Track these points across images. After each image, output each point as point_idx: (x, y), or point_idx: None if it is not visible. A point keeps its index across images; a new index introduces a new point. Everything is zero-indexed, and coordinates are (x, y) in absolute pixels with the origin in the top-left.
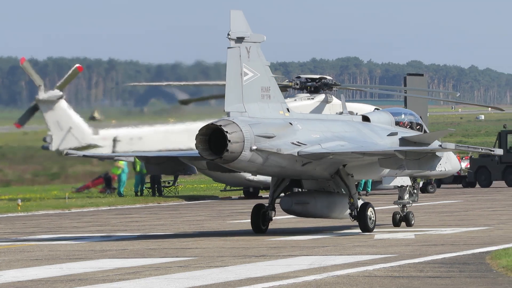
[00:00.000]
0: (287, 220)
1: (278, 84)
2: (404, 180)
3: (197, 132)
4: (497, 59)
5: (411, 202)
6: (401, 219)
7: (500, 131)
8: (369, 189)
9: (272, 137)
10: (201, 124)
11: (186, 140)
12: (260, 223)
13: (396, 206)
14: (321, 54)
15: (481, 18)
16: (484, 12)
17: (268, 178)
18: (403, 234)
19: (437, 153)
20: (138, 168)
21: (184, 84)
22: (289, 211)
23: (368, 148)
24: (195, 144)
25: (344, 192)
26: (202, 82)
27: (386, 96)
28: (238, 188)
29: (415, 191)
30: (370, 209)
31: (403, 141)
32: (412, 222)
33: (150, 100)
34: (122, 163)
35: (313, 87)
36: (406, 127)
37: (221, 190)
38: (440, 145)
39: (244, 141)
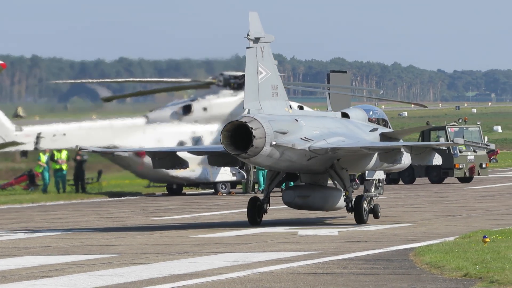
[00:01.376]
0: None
1: (202, 82)
2: (380, 174)
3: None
4: (420, 56)
5: (377, 195)
6: (369, 211)
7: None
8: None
9: (285, 133)
10: (124, 121)
11: (110, 136)
12: (256, 215)
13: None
14: (244, 51)
15: (403, 15)
16: (406, 9)
17: (191, 175)
18: (327, 230)
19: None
20: (63, 166)
21: (111, 81)
22: (291, 204)
23: (362, 143)
24: (220, 140)
25: (338, 185)
26: (126, 79)
27: (309, 93)
28: (161, 184)
29: (381, 184)
30: (365, 201)
31: (383, 136)
32: (379, 214)
33: (73, 97)
34: (43, 161)
35: (237, 84)
36: (374, 122)
37: (144, 187)
38: (452, 140)
39: (265, 137)
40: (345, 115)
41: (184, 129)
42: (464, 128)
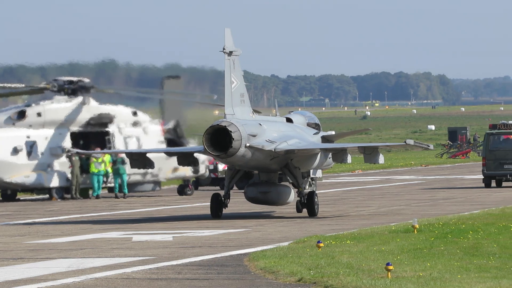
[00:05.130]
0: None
1: (35, 87)
2: (319, 172)
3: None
4: (254, 62)
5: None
6: (302, 206)
7: None
8: (126, 191)
9: (255, 135)
10: None
11: None
12: (218, 209)
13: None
14: (78, 56)
15: (236, 19)
16: (239, 14)
17: (25, 180)
18: (161, 236)
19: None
20: None
21: None
22: (253, 199)
23: (317, 145)
24: (203, 141)
25: (291, 182)
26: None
27: (143, 99)
28: None
29: (314, 182)
30: (316, 197)
31: (323, 138)
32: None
33: None
34: None
35: (71, 90)
36: (311, 126)
37: None
38: (405, 141)
39: (241, 139)
40: (289, 120)
41: (18, 134)
42: None
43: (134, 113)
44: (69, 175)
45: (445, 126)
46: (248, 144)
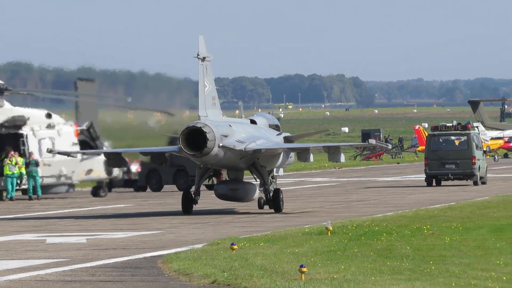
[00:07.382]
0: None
1: None
2: (281, 171)
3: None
4: (168, 64)
5: (272, 188)
6: (265, 203)
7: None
8: (40, 193)
9: (227, 136)
10: None
11: None
12: (188, 206)
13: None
14: None
15: (147, 21)
16: (150, 16)
17: None
18: (75, 238)
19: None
20: None
21: None
22: (223, 196)
23: (278, 145)
24: (179, 141)
25: (258, 180)
26: None
27: (57, 101)
28: None
29: (273, 179)
30: (281, 194)
31: (285, 139)
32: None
33: None
34: None
35: None
36: (272, 127)
37: None
38: (367, 140)
39: (215, 139)
40: (253, 122)
41: None
42: None
43: (48, 115)
44: None
45: (358, 128)
46: (221, 144)
